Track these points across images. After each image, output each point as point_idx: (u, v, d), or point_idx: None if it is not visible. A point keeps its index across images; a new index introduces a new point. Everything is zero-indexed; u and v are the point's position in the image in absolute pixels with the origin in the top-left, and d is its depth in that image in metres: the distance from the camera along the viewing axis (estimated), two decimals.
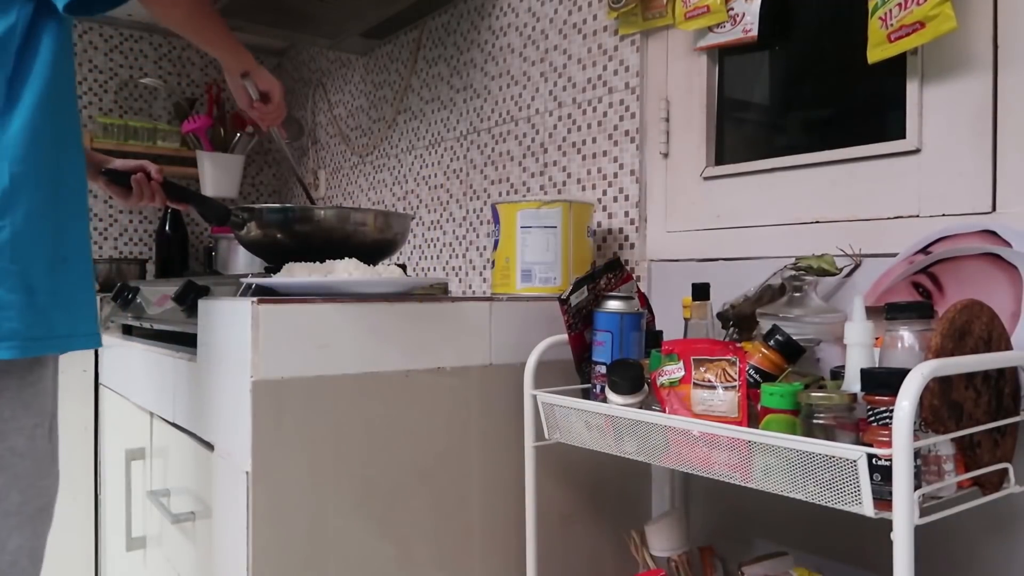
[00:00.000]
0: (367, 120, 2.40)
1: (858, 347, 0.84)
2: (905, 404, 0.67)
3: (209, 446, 1.13)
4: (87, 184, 1.07)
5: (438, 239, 2.05)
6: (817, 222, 1.19)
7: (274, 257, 1.46)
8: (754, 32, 1.25)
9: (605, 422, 1.00)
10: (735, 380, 0.86)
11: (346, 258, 1.21)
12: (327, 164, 2.65)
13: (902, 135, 1.10)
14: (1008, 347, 0.83)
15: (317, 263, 1.22)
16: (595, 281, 1.11)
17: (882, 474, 0.69)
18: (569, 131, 1.62)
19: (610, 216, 1.52)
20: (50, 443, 1.04)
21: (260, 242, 1.35)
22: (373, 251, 1.36)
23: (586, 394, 1.09)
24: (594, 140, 1.56)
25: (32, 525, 1.02)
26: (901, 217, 1.09)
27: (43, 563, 1.05)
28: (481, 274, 1.89)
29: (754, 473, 0.81)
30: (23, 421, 0.99)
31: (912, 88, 1.08)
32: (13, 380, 0.98)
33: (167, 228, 2.59)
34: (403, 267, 1.58)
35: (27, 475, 1.00)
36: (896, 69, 1.09)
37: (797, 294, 1.03)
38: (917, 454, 0.68)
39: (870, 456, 0.70)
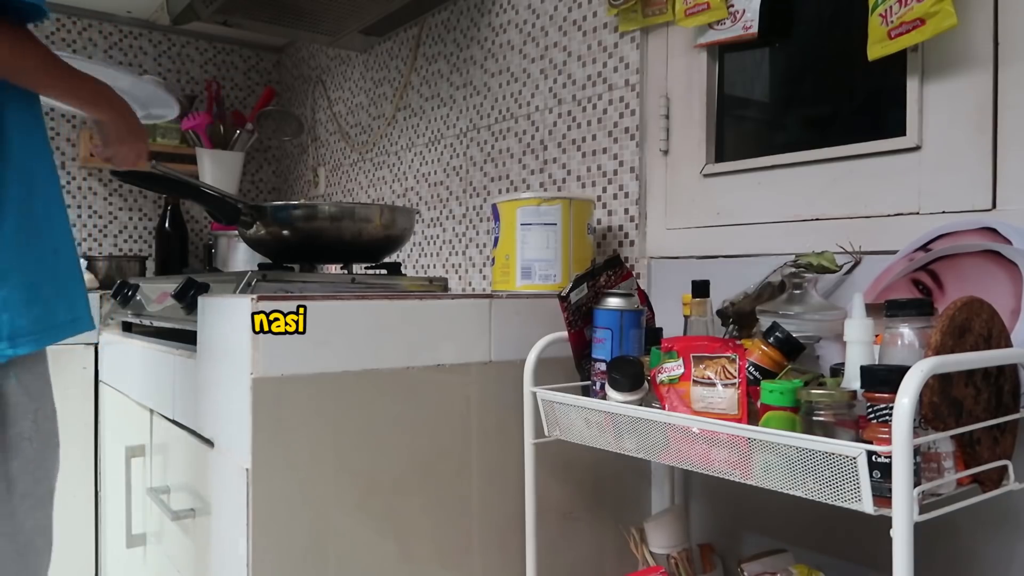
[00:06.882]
0: (367, 117, 2.39)
1: (858, 344, 0.84)
2: (905, 401, 0.67)
3: (209, 443, 1.13)
4: (58, 173, 1.09)
5: (438, 236, 2.05)
6: (817, 219, 1.19)
7: (280, 255, 1.46)
8: (754, 29, 1.24)
9: (605, 419, 1.00)
10: (735, 377, 0.86)
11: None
12: (327, 161, 2.64)
13: (902, 132, 1.09)
14: (1008, 344, 0.83)
15: None
16: (595, 278, 1.11)
17: (882, 471, 0.69)
18: (569, 128, 1.62)
19: (610, 213, 1.52)
20: (51, 423, 1.08)
21: (265, 240, 1.35)
22: (380, 246, 1.36)
23: (586, 391, 1.09)
24: (594, 137, 1.56)
25: (43, 506, 1.06)
26: (901, 214, 1.09)
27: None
28: (481, 271, 1.89)
29: (754, 470, 0.81)
30: (27, 406, 1.02)
31: (912, 85, 1.08)
32: (15, 369, 1.01)
33: (167, 225, 2.59)
34: (399, 265, 1.59)
35: (35, 457, 1.04)
36: (896, 66, 1.09)
37: (797, 291, 1.03)
38: (917, 451, 0.68)
39: (870, 453, 0.70)
